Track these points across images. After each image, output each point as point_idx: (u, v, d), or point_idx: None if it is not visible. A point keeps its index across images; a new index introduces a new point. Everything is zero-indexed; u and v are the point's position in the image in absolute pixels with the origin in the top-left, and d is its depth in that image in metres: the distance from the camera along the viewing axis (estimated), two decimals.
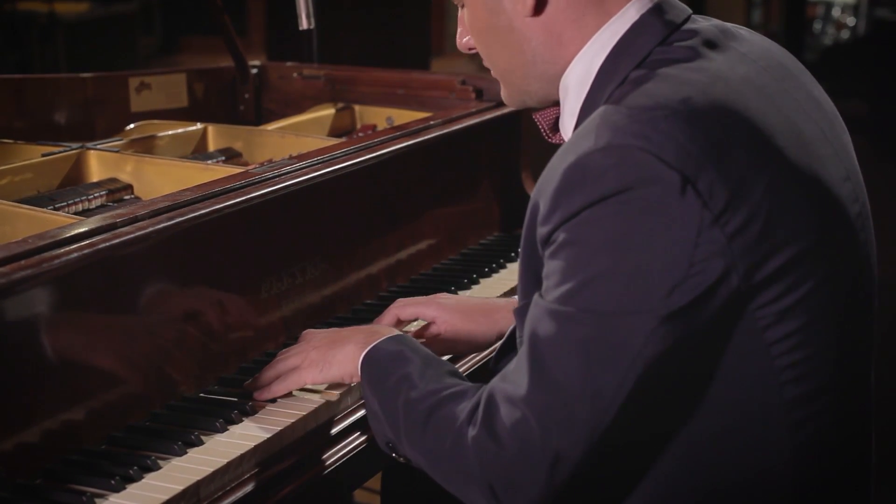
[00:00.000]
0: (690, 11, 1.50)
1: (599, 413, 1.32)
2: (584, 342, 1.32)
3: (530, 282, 1.46)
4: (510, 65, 1.53)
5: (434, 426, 1.44)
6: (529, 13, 1.47)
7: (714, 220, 1.30)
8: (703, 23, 1.49)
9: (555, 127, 1.59)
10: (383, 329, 1.65)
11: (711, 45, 1.45)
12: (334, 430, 1.70)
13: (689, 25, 1.47)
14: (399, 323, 1.89)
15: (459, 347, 1.88)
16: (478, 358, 2.00)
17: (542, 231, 1.38)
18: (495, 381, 1.41)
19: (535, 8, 1.46)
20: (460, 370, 1.96)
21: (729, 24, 1.52)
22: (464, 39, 1.60)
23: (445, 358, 1.92)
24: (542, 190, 1.39)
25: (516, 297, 1.79)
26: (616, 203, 1.30)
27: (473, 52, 1.58)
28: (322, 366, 1.65)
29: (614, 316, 1.31)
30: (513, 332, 1.59)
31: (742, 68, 1.44)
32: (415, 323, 1.94)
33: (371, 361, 1.57)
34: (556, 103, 1.55)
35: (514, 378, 1.37)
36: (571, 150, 1.36)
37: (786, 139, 1.39)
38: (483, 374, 2.02)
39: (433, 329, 1.87)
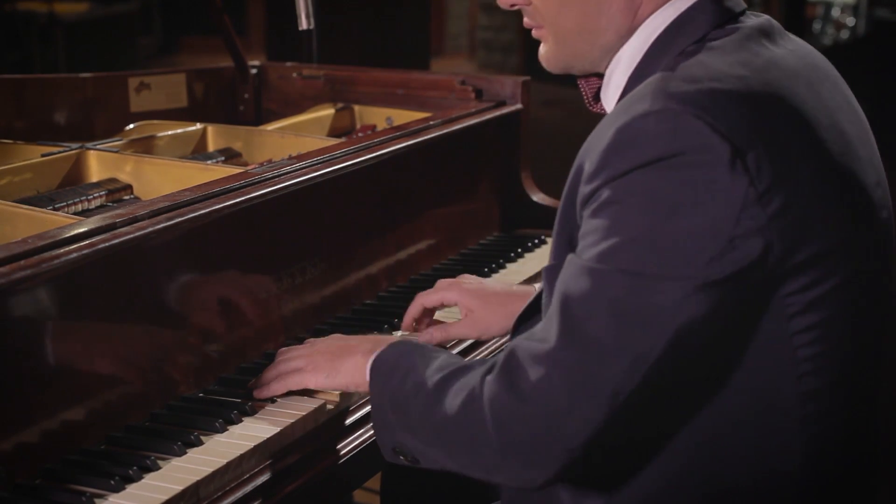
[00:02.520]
0: (745, 6, 1.51)
1: (626, 375, 1.31)
2: (617, 301, 1.32)
3: (563, 243, 1.46)
4: (579, 27, 1.51)
5: (445, 394, 1.42)
6: None
7: (758, 198, 1.31)
8: (756, 19, 1.51)
9: (597, 96, 1.58)
10: (388, 338, 1.65)
11: (765, 35, 1.47)
12: (335, 430, 1.70)
13: (744, 17, 1.49)
14: (425, 310, 1.90)
15: (477, 334, 1.89)
16: (493, 348, 2.02)
17: (585, 189, 1.37)
18: (518, 340, 1.40)
19: None
20: (487, 348, 2.00)
21: (777, 24, 1.54)
22: None
23: (462, 346, 1.97)
24: (590, 150, 1.38)
25: (536, 284, 1.81)
26: (665, 167, 1.31)
27: (514, 7, 1.55)
28: (328, 372, 1.65)
29: (650, 278, 1.31)
30: (537, 296, 1.59)
31: (792, 61, 1.45)
32: (446, 309, 1.95)
33: (379, 364, 1.56)
34: (599, 74, 1.55)
35: (542, 335, 1.37)
36: (624, 111, 1.36)
37: (829, 134, 1.40)
38: None
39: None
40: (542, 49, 1.56)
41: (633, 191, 1.32)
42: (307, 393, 1.71)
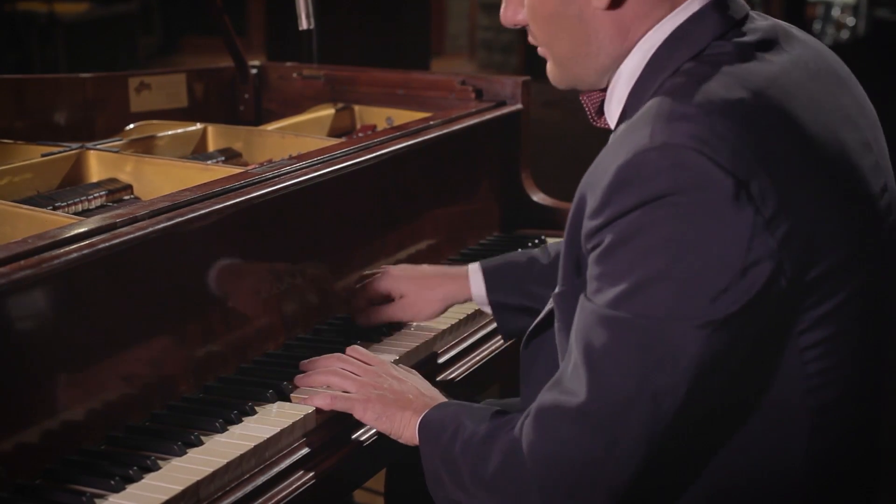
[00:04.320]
0: (749, 9, 1.49)
1: (656, 417, 1.32)
2: (637, 348, 1.32)
3: (570, 267, 1.47)
4: (571, 53, 1.51)
5: (490, 451, 1.44)
6: (604, 6, 1.45)
7: (766, 225, 1.30)
8: (762, 22, 1.48)
9: (600, 110, 1.58)
10: (439, 396, 1.66)
11: (768, 45, 1.44)
12: (335, 430, 1.70)
13: (748, 24, 1.46)
14: (370, 304, 1.98)
15: (410, 317, 1.97)
16: (497, 346, 2.05)
17: (589, 225, 1.37)
18: (549, 393, 1.41)
19: (612, 2, 1.45)
20: (479, 354, 2.04)
21: (786, 24, 1.52)
22: (517, 16, 1.55)
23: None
24: (592, 183, 1.38)
25: (471, 264, 1.93)
26: (669, 205, 1.30)
27: (518, 27, 1.56)
28: (380, 415, 1.63)
29: (667, 321, 1.31)
30: (549, 314, 1.61)
31: (796, 73, 1.43)
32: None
33: (426, 424, 1.57)
34: (603, 89, 1.54)
35: (570, 386, 1.38)
36: (624, 144, 1.35)
37: (830, 152, 1.39)
38: (503, 359, 2.07)
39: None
40: (547, 67, 1.57)
41: (639, 230, 1.32)
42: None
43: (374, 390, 1.65)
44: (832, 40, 9.70)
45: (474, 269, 1.96)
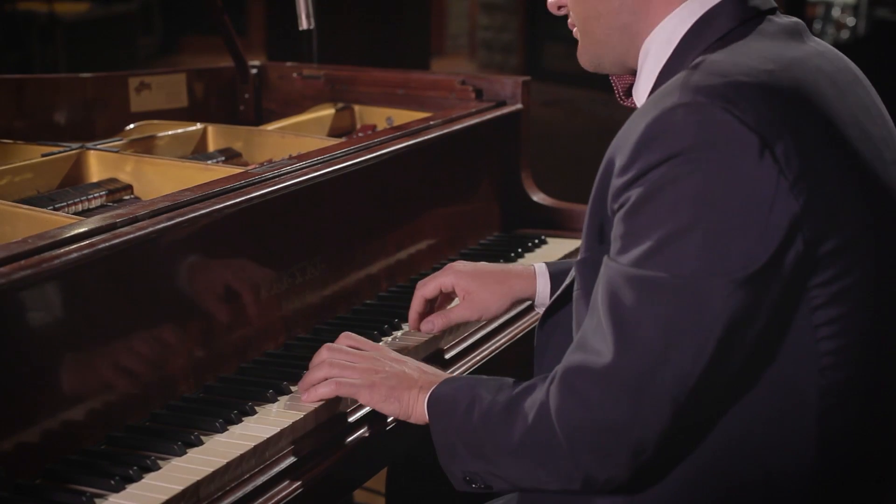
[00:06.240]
0: (775, 4, 1.53)
1: (683, 379, 1.34)
2: (664, 306, 1.33)
3: (594, 235, 1.49)
4: (595, 10, 1.55)
5: (515, 416, 1.45)
6: None
7: (790, 188, 1.33)
8: (784, 18, 1.53)
9: (629, 91, 1.62)
10: (440, 373, 1.66)
11: (791, 35, 1.49)
12: (335, 430, 1.70)
13: (773, 17, 1.51)
14: (427, 302, 1.92)
15: (477, 315, 1.91)
16: (504, 341, 2.05)
17: (617, 182, 1.39)
18: (573, 353, 1.41)
19: None
20: (486, 350, 2.03)
21: (804, 25, 1.56)
22: None
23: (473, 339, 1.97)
24: (621, 145, 1.41)
25: (531, 264, 1.89)
26: (695, 160, 1.33)
27: (561, 12, 1.60)
28: (386, 397, 1.62)
29: (692, 277, 1.33)
30: (568, 286, 1.61)
31: (818, 60, 1.48)
32: (456, 300, 1.96)
33: (436, 400, 1.57)
34: (631, 71, 1.58)
35: (597, 347, 1.38)
36: (653, 106, 1.39)
37: (853, 131, 1.43)
38: (509, 354, 2.07)
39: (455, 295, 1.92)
40: (578, 48, 1.61)
41: (664, 186, 1.34)
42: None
43: (376, 374, 1.64)
44: (832, 40, 9.70)
45: (542, 271, 1.94)
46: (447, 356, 2.00)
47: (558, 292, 1.68)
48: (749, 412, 1.40)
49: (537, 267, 1.94)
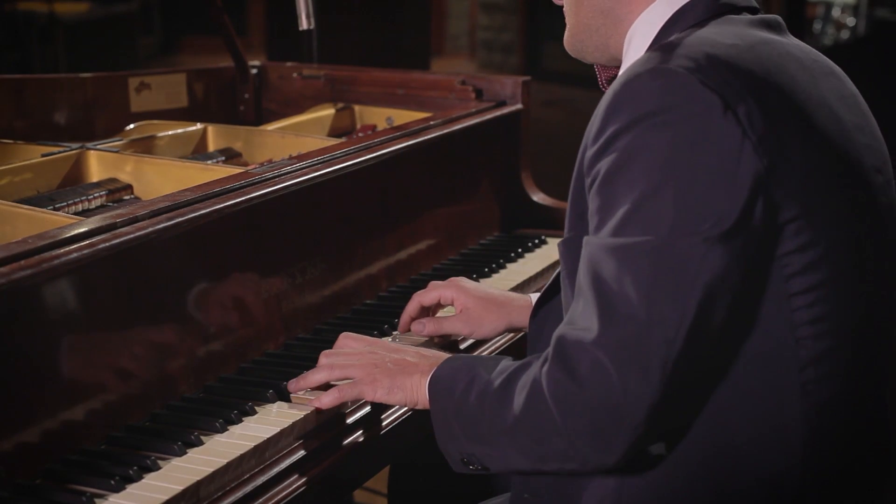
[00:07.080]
0: (755, 4, 1.56)
1: (668, 344, 1.34)
2: (643, 272, 1.35)
3: (576, 216, 1.51)
4: (586, 19, 1.58)
5: (510, 395, 1.45)
6: None
7: (754, 148, 1.35)
8: (766, 15, 1.55)
9: (612, 81, 1.62)
10: (440, 354, 1.66)
11: (767, 25, 1.52)
12: (336, 430, 1.70)
13: (748, 12, 1.54)
14: (423, 309, 1.92)
15: (469, 331, 1.91)
16: (503, 341, 2.03)
17: (588, 154, 1.43)
18: (564, 329, 1.42)
19: None
20: (487, 352, 2.01)
21: (783, 23, 1.58)
22: None
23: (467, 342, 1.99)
24: (593, 119, 1.44)
25: (532, 293, 1.87)
26: (661, 122, 1.36)
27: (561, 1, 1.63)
28: (389, 388, 1.62)
29: (667, 240, 1.34)
30: (556, 277, 1.63)
31: (789, 48, 1.50)
32: (446, 308, 1.96)
33: (436, 381, 1.57)
34: (614, 61, 1.61)
35: (583, 323, 1.39)
36: (618, 80, 1.43)
37: (821, 111, 1.45)
38: (511, 352, 2.05)
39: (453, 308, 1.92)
40: (565, 33, 1.64)
41: (633, 151, 1.37)
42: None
43: (376, 368, 1.65)
44: (832, 40, 9.70)
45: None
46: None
47: (549, 282, 1.69)
48: (733, 386, 1.41)
49: (533, 297, 1.93)
